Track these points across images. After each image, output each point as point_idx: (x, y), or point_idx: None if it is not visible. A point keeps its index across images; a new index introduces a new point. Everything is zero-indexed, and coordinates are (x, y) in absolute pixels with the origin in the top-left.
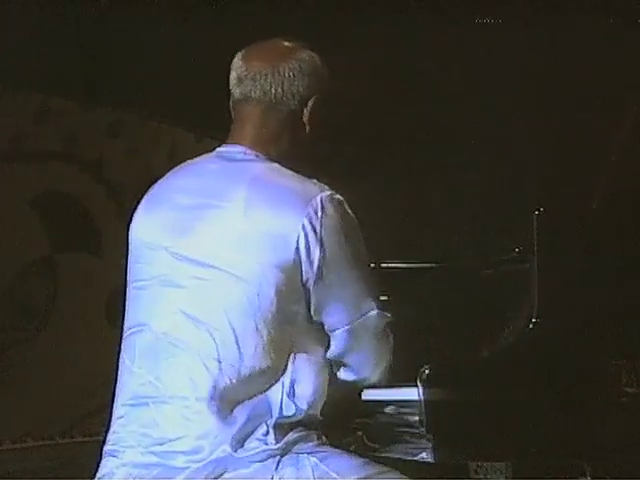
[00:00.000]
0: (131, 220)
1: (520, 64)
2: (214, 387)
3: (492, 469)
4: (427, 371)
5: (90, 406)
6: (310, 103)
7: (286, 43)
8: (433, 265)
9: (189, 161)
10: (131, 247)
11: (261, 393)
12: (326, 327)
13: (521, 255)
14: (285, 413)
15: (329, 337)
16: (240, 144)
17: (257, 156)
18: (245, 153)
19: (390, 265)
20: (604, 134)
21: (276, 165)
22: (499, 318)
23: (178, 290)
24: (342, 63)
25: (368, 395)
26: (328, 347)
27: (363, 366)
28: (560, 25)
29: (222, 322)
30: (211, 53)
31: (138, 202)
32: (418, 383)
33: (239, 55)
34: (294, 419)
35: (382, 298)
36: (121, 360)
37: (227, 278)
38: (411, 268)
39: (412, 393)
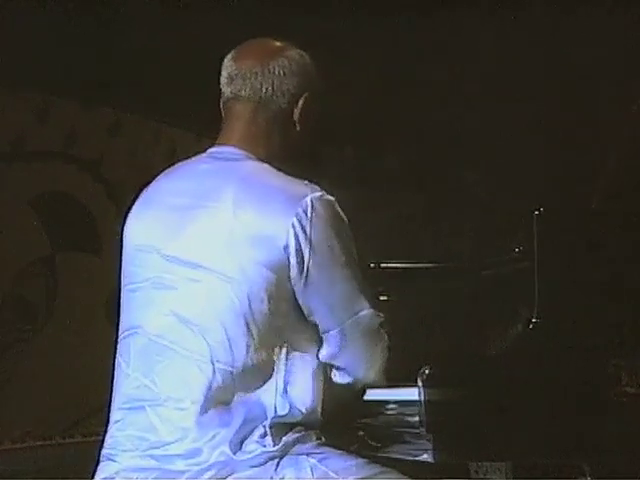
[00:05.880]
0: (124, 222)
1: (521, 64)
2: (209, 389)
3: (492, 469)
4: (427, 371)
5: (90, 406)
6: (301, 102)
7: (276, 42)
8: (433, 265)
9: (180, 163)
10: (124, 250)
11: (256, 394)
12: (319, 329)
13: (521, 255)
14: (280, 413)
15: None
16: (230, 144)
17: (247, 156)
18: (235, 153)
19: (390, 265)
20: (604, 134)
21: (266, 165)
22: (499, 318)
23: (170, 292)
24: (344, 64)
25: (369, 395)
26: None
27: (356, 367)
28: (561, 25)
29: (214, 323)
30: (211, 53)
31: (133, 204)
32: (418, 383)
33: (229, 55)
34: (291, 420)
35: (382, 298)
36: (117, 363)
37: (217, 279)
38: (411, 268)
39: (412, 393)
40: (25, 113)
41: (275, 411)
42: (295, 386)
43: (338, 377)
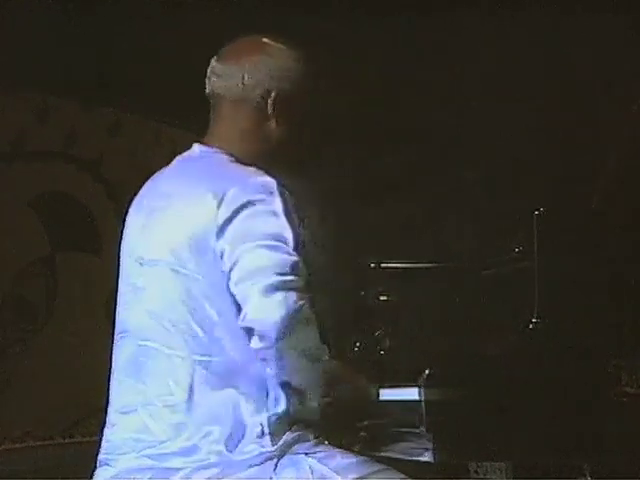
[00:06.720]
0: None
1: (521, 64)
2: (194, 384)
3: (492, 469)
4: (427, 371)
5: (90, 406)
6: (272, 95)
7: (262, 40)
8: (433, 265)
9: (168, 165)
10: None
11: (246, 387)
12: (238, 298)
13: (521, 255)
14: (276, 407)
15: None
16: (206, 143)
17: (215, 152)
18: (206, 151)
19: (390, 265)
20: (604, 134)
21: (226, 158)
22: (499, 318)
23: (143, 292)
24: (344, 64)
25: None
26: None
27: (267, 328)
28: (561, 25)
29: (184, 317)
30: (211, 53)
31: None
32: (419, 383)
33: (216, 55)
34: (288, 415)
35: (382, 298)
36: (112, 368)
37: (177, 272)
38: (411, 268)
39: (412, 393)
40: (25, 113)
41: (274, 405)
42: (287, 377)
43: (253, 342)
